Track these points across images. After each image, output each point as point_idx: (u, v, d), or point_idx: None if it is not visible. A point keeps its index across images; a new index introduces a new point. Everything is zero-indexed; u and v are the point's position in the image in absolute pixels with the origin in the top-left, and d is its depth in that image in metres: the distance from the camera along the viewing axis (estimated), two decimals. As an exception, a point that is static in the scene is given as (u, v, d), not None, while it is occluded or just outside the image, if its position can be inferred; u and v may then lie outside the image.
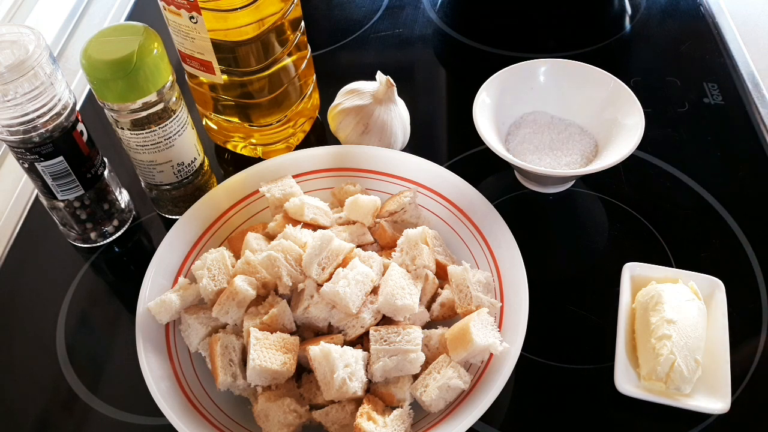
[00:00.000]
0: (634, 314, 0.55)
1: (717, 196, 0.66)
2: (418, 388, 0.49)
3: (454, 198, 0.61)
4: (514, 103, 0.69)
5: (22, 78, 0.52)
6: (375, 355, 0.50)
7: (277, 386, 0.51)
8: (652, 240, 0.63)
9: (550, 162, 0.65)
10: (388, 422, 0.48)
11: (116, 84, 0.55)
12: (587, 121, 0.68)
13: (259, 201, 0.63)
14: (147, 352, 0.52)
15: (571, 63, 0.68)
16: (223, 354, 0.51)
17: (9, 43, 0.53)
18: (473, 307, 0.52)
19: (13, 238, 0.69)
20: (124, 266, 0.67)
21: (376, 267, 0.54)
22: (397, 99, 0.68)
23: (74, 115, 0.58)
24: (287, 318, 0.53)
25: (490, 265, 0.57)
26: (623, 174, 0.69)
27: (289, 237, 0.56)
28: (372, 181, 0.64)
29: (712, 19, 0.85)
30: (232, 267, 0.56)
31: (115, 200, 0.66)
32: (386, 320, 0.53)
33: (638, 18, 0.87)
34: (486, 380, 0.49)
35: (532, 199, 0.68)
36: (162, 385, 0.50)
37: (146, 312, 0.54)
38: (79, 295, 0.64)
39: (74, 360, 0.60)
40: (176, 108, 0.60)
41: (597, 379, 0.55)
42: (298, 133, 0.72)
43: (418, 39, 0.87)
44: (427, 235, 0.56)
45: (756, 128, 0.72)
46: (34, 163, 0.58)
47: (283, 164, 0.64)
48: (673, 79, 0.78)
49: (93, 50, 0.55)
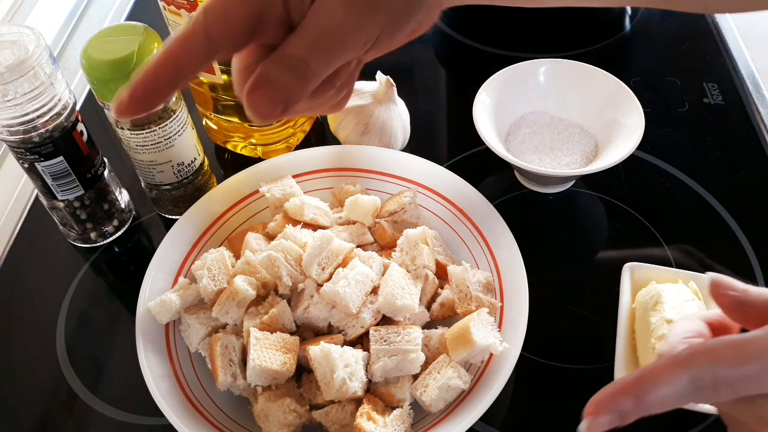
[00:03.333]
0: (634, 314, 0.55)
1: (717, 196, 0.66)
2: (418, 388, 0.49)
3: (454, 198, 0.61)
4: (514, 103, 0.68)
5: (22, 78, 0.52)
6: (375, 355, 0.50)
7: (277, 386, 0.51)
8: (652, 240, 0.63)
9: (550, 162, 0.65)
10: (388, 422, 0.48)
11: (116, 84, 0.55)
12: (587, 121, 0.68)
13: (259, 201, 0.63)
14: (147, 352, 0.52)
15: (571, 63, 0.68)
16: (223, 354, 0.51)
17: (9, 43, 0.53)
18: (473, 307, 0.52)
19: (13, 238, 0.69)
20: (124, 266, 0.67)
21: (376, 267, 0.54)
22: (397, 99, 0.68)
23: (74, 115, 0.58)
24: (287, 318, 0.53)
25: (490, 265, 0.56)
26: (623, 174, 0.69)
27: (289, 237, 0.56)
28: (372, 181, 0.64)
29: (712, 19, 0.85)
30: (232, 267, 0.56)
31: (115, 200, 0.66)
32: (386, 320, 0.53)
33: (638, 18, 0.87)
34: (486, 380, 0.49)
35: (532, 199, 0.68)
36: (162, 385, 0.50)
37: (146, 312, 0.54)
38: (79, 295, 0.64)
39: (74, 360, 0.60)
40: (176, 108, 0.60)
41: (597, 379, 0.54)
42: (298, 133, 0.72)
43: (418, 39, 0.87)
44: (427, 235, 0.56)
45: (756, 128, 0.72)
46: (34, 163, 0.58)
47: (283, 164, 0.64)
48: (673, 79, 0.78)
49: (93, 50, 0.55)
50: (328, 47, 0.32)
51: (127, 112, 0.30)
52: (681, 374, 0.32)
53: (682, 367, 0.32)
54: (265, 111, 0.31)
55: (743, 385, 0.32)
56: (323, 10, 0.31)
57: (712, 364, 0.31)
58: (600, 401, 0.32)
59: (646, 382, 0.32)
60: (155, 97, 0.30)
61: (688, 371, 0.31)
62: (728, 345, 0.32)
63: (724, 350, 0.32)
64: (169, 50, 0.30)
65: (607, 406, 0.32)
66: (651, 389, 0.32)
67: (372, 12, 0.32)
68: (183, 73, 0.31)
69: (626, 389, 0.32)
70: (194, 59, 0.31)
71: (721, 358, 0.31)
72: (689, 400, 0.32)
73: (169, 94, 0.31)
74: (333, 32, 0.31)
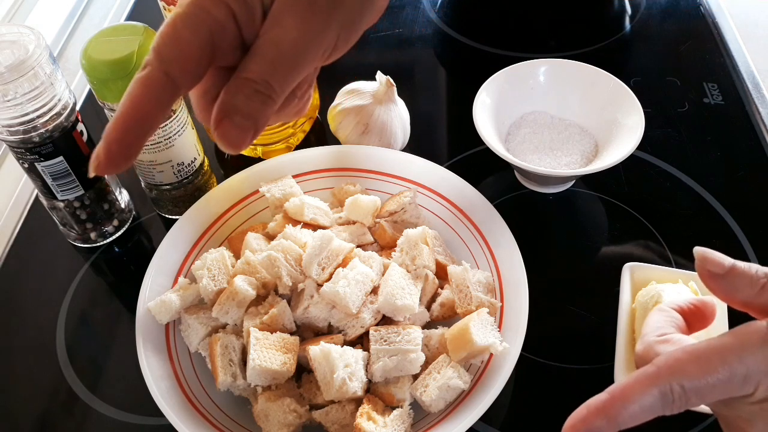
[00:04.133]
0: (634, 314, 0.55)
1: (717, 196, 0.66)
2: (418, 388, 0.49)
3: (454, 198, 0.61)
4: (514, 103, 0.68)
5: (22, 78, 0.52)
6: (375, 355, 0.50)
7: (277, 386, 0.51)
8: (652, 240, 0.63)
9: (550, 162, 0.65)
10: (388, 422, 0.48)
11: (116, 84, 0.55)
12: (587, 121, 0.68)
13: (259, 201, 0.63)
14: (147, 352, 0.52)
15: (571, 63, 0.68)
16: (223, 354, 0.51)
17: (9, 43, 0.53)
18: (473, 307, 0.52)
19: (13, 238, 0.69)
20: (124, 266, 0.67)
21: (376, 267, 0.54)
22: (397, 99, 0.68)
23: (74, 115, 0.58)
24: (287, 318, 0.53)
25: (490, 265, 0.56)
26: (623, 174, 0.69)
27: (289, 237, 0.56)
28: (372, 181, 0.64)
29: (712, 19, 0.85)
30: (232, 267, 0.56)
31: (115, 200, 0.66)
32: (386, 320, 0.53)
33: (638, 18, 0.87)
34: (486, 380, 0.49)
35: (532, 199, 0.68)
36: (162, 385, 0.50)
37: (146, 312, 0.54)
38: (79, 295, 0.64)
39: (74, 360, 0.60)
40: (176, 108, 0.60)
41: (597, 379, 0.55)
42: (298, 133, 0.72)
43: (418, 39, 0.87)
44: (427, 235, 0.56)
45: (756, 128, 0.72)
46: (34, 163, 0.58)
47: (283, 164, 0.64)
48: (673, 79, 0.78)
49: (93, 50, 0.55)
50: (287, 66, 0.31)
51: (106, 170, 0.30)
52: (651, 390, 0.33)
53: (651, 384, 0.33)
54: (237, 140, 0.30)
55: (711, 393, 0.33)
56: (276, 30, 0.30)
57: (680, 378, 0.33)
58: (574, 424, 0.34)
59: (617, 400, 0.33)
60: (129, 152, 0.30)
61: (657, 387, 0.33)
62: (693, 356, 0.33)
63: (690, 363, 0.33)
64: (133, 100, 0.29)
65: (582, 428, 0.33)
66: (622, 407, 0.33)
67: (326, 21, 0.31)
68: (151, 121, 0.30)
69: (598, 411, 0.33)
70: (160, 104, 0.30)
71: (686, 371, 0.33)
72: (661, 413, 0.33)
73: (141, 144, 0.30)
74: (290, 50, 0.31)
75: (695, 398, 0.33)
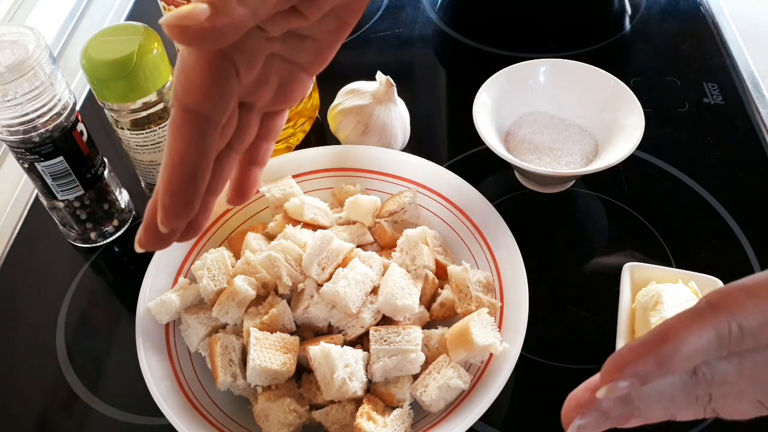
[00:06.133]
0: (634, 314, 0.55)
1: (717, 196, 0.66)
2: (418, 388, 0.49)
3: (454, 198, 0.61)
4: (514, 103, 0.68)
5: (22, 78, 0.52)
6: (375, 355, 0.50)
7: (277, 386, 0.51)
8: (652, 240, 0.63)
9: (550, 162, 0.65)
10: (388, 422, 0.48)
11: (116, 84, 0.55)
12: (587, 121, 0.68)
13: (259, 201, 0.63)
14: (147, 352, 0.52)
15: (571, 63, 0.68)
16: (223, 354, 0.51)
17: (9, 43, 0.53)
18: (473, 307, 0.52)
19: (13, 238, 0.69)
20: (124, 266, 0.67)
21: (376, 267, 0.54)
22: (397, 99, 0.68)
23: (74, 115, 0.58)
24: (287, 318, 0.53)
25: (490, 265, 0.56)
26: (623, 174, 0.69)
27: (289, 237, 0.56)
28: (372, 181, 0.64)
29: (712, 19, 0.85)
30: (232, 267, 0.56)
31: (115, 200, 0.66)
32: (386, 320, 0.53)
33: (638, 18, 0.87)
34: (486, 380, 0.49)
35: (532, 199, 0.68)
36: (162, 385, 0.50)
37: (146, 312, 0.54)
38: (79, 295, 0.64)
39: (74, 360, 0.60)
40: (176, 108, 0.60)
41: (597, 379, 0.55)
42: (298, 133, 0.72)
43: (418, 39, 0.87)
44: (427, 235, 0.56)
45: (756, 128, 0.72)
46: (34, 163, 0.58)
47: (283, 164, 0.64)
48: (673, 79, 0.78)
49: (93, 50, 0.55)
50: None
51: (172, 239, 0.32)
52: (706, 330, 0.28)
53: (707, 323, 0.28)
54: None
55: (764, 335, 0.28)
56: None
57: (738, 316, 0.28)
58: (618, 363, 0.29)
59: (668, 340, 0.28)
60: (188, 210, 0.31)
61: (713, 326, 0.28)
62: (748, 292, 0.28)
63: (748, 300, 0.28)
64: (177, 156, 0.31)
65: (627, 368, 0.28)
66: (674, 349, 0.28)
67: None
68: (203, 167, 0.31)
69: (648, 350, 0.28)
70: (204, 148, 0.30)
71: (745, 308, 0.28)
72: (712, 356, 0.29)
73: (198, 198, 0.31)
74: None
75: (750, 340, 0.28)
